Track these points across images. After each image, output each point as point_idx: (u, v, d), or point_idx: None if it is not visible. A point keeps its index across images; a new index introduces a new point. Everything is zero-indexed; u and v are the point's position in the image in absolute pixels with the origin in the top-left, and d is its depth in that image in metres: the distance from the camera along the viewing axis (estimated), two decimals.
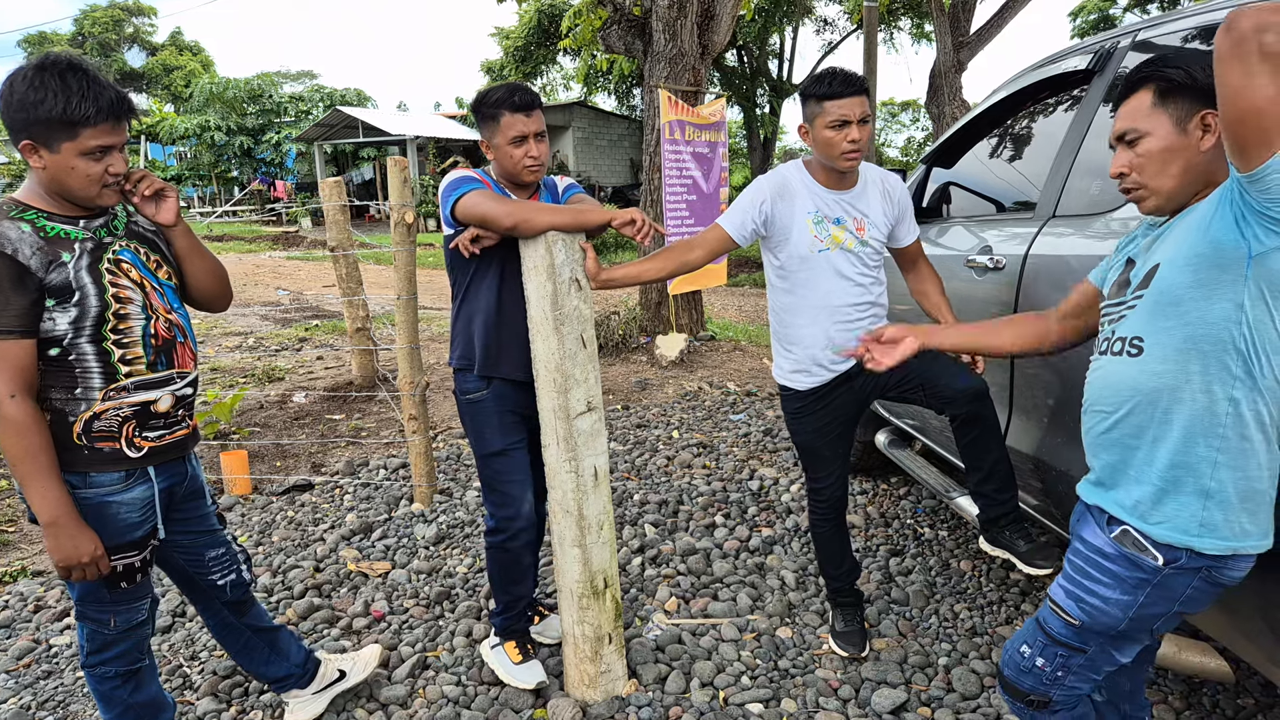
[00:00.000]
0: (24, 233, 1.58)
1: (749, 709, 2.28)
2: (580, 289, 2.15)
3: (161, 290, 1.79)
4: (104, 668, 1.83)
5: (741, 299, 10.91)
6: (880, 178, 2.33)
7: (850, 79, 2.14)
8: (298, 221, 22.36)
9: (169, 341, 1.78)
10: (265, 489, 3.99)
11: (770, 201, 2.25)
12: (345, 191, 5.17)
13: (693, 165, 6.34)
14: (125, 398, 1.70)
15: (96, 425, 1.67)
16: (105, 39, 32.81)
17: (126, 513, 1.72)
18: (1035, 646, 1.57)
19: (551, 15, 20.56)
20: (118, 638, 1.80)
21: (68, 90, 1.54)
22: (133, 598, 1.79)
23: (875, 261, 2.31)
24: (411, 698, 2.36)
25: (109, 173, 1.64)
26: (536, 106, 2.17)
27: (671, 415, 5.09)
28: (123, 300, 1.69)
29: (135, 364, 1.71)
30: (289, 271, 13.62)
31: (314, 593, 2.94)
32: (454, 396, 2.36)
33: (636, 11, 6.72)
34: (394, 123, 22.54)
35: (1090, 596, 1.47)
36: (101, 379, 1.67)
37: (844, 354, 1.94)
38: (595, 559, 2.25)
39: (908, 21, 21.76)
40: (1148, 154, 1.44)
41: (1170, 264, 1.38)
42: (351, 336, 5.65)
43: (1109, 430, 1.48)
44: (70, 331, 1.63)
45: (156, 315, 1.75)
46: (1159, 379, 1.39)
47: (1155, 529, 1.40)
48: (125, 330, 1.70)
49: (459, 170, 2.20)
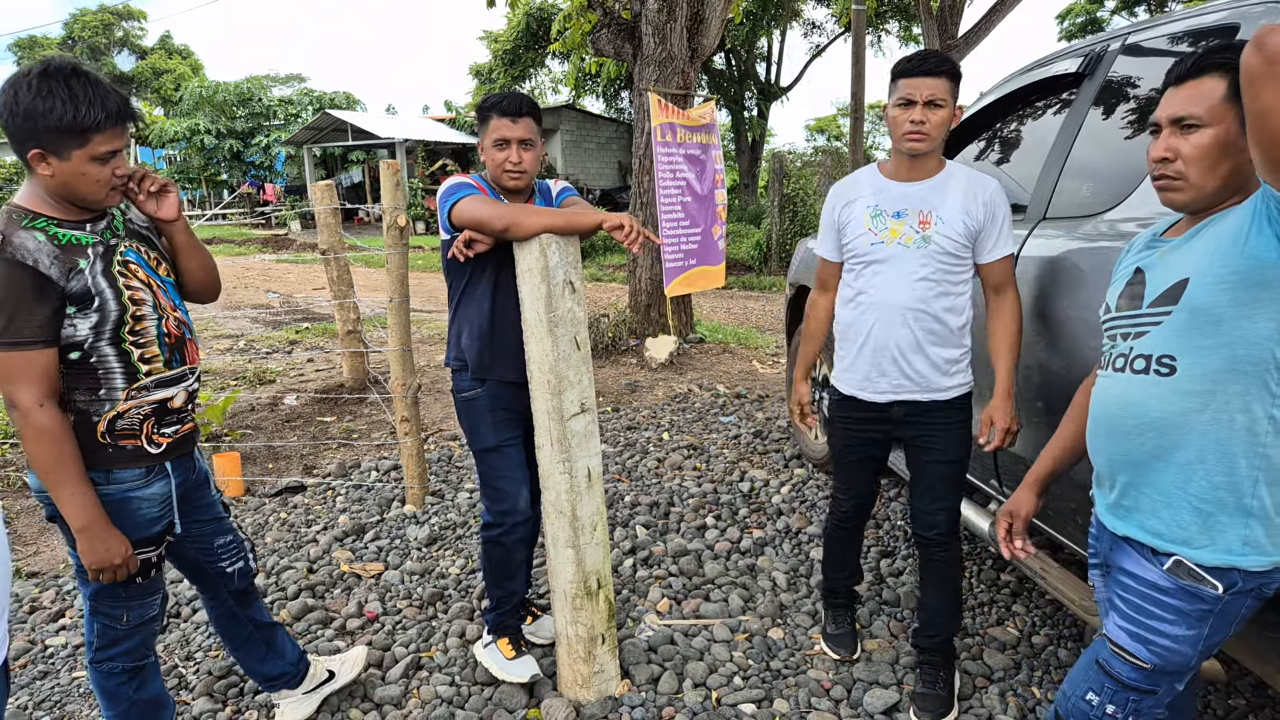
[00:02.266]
0: (40, 242, 1.58)
1: (741, 709, 2.30)
2: (574, 291, 2.16)
3: (165, 288, 1.81)
4: (111, 663, 1.84)
5: (730, 301, 10.94)
6: (971, 177, 2.11)
7: (926, 57, 2.03)
8: (287, 224, 22.25)
9: (179, 339, 1.82)
10: (257, 491, 3.98)
11: (838, 209, 2.26)
12: (335, 194, 5.17)
13: (686, 167, 6.36)
14: (146, 396, 1.74)
15: (119, 424, 1.71)
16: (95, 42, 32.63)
17: (146, 508, 1.76)
18: (1104, 694, 1.48)
19: (540, 19, 20.58)
20: (128, 633, 1.83)
21: (75, 97, 1.54)
22: (146, 593, 1.82)
23: (945, 264, 2.09)
24: (405, 698, 2.37)
25: (115, 174, 1.65)
26: (526, 114, 2.18)
27: (661, 417, 5.10)
28: (137, 302, 1.72)
29: (154, 363, 1.75)
30: (279, 274, 13.57)
31: (308, 594, 2.93)
32: (451, 395, 2.39)
33: (626, 15, 6.74)
34: (383, 126, 22.49)
35: (1158, 637, 1.40)
36: (124, 379, 1.71)
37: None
38: (589, 560, 2.26)
39: (895, 24, 21.89)
40: (1202, 147, 1.34)
41: (1201, 280, 1.32)
42: (342, 339, 5.64)
43: (1137, 453, 1.42)
44: (91, 336, 1.66)
45: (165, 314, 1.79)
46: (1195, 399, 1.33)
47: (1201, 554, 1.36)
48: (142, 331, 1.73)
49: (456, 176, 2.23)
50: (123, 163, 1.66)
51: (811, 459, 4.17)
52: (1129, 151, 2.11)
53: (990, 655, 2.52)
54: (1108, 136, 2.21)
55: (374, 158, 24.38)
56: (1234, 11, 1.86)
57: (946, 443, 2.20)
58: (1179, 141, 1.37)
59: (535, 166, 2.24)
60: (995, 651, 2.54)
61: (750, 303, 10.86)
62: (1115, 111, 2.22)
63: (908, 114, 2.03)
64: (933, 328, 2.12)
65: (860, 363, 2.22)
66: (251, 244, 18.96)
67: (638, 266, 6.95)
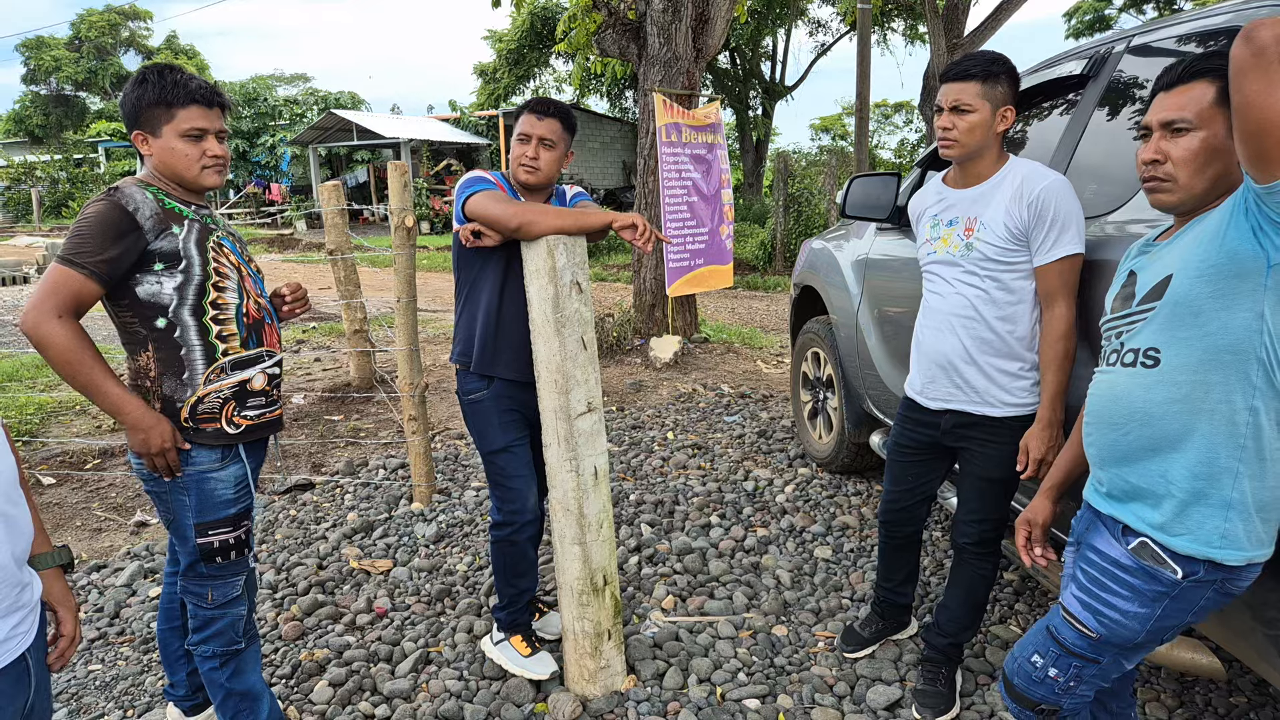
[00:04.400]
0: (146, 198, 1.75)
1: (746, 704, 2.33)
2: (581, 291, 2.19)
3: (252, 277, 1.94)
4: (204, 646, 1.91)
5: (735, 301, 10.95)
6: (1026, 177, 2.00)
7: (957, 63, 2.03)
8: (292, 224, 22.32)
9: (258, 321, 1.92)
10: (266, 488, 4.02)
11: (914, 223, 2.31)
12: (343, 195, 5.20)
13: (691, 167, 6.39)
14: (224, 379, 1.84)
15: (201, 408, 1.81)
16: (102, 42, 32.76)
17: (222, 489, 1.85)
18: (1048, 657, 1.55)
19: (544, 18, 20.62)
20: (215, 614, 1.89)
21: (162, 81, 1.78)
22: (229, 573, 1.89)
23: (991, 270, 2.04)
24: (415, 691, 2.40)
25: (207, 154, 1.83)
26: (551, 116, 2.25)
27: (666, 417, 5.13)
28: (221, 274, 1.84)
29: (230, 340, 1.84)
30: (284, 274, 13.61)
31: (318, 589, 2.97)
32: (456, 397, 2.41)
33: (631, 16, 6.76)
34: (388, 126, 22.54)
35: (1108, 610, 1.46)
36: (203, 359, 1.81)
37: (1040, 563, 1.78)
38: (595, 556, 2.29)
39: (901, 23, 21.86)
40: (1191, 151, 1.40)
41: (1184, 274, 1.37)
42: (349, 338, 5.68)
43: (1122, 442, 1.46)
44: (175, 299, 1.77)
45: (248, 296, 1.90)
46: (1178, 389, 1.37)
47: (1176, 541, 1.39)
48: (222, 306, 1.83)
49: (476, 170, 2.27)
50: (214, 144, 1.83)
51: (816, 459, 4.19)
52: (1133, 154, 2.12)
53: (993, 653, 2.54)
54: (1112, 138, 2.22)
55: (379, 158, 24.43)
56: (1238, 15, 1.87)
57: (989, 461, 2.15)
58: (1168, 145, 1.43)
59: (553, 169, 2.28)
60: (998, 649, 2.56)
61: (755, 303, 10.87)
62: (1120, 114, 2.23)
63: (938, 121, 2.05)
64: (984, 336, 2.07)
65: (919, 368, 2.26)
66: (257, 244, 19.03)
67: (642, 267, 6.98)
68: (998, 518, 2.22)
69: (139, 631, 2.77)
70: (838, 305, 3.75)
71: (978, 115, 2.02)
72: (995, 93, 2.02)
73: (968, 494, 2.24)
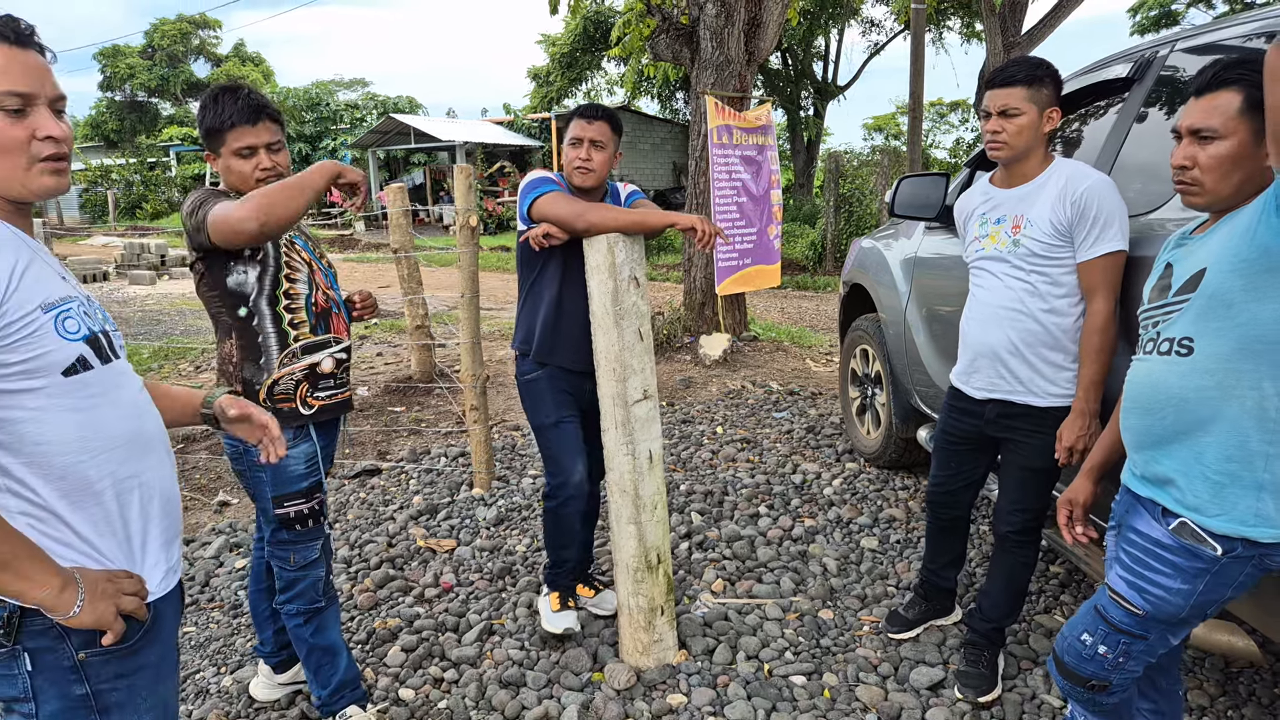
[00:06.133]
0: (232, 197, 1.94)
1: (792, 680, 2.44)
2: (638, 286, 2.33)
3: (323, 272, 2.12)
4: (289, 605, 2.12)
5: (785, 301, 11.00)
6: (1071, 175, 2.09)
7: (1002, 68, 2.12)
8: (352, 225, 22.99)
9: (326, 311, 2.10)
10: (337, 473, 4.26)
11: (961, 223, 2.41)
12: (407, 197, 5.45)
13: (741, 168, 6.49)
14: (296, 363, 2.03)
15: (277, 390, 2.01)
16: (173, 51, 34.12)
17: (294, 466, 2.02)
18: (1097, 635, 1.63)
19: (598, 23, 20.86)
20: (298, 575, 2.09)
21: (218, 105, 1.96)
22: (306, 539, 2.09)
23: (1037, 266, 2.13)
24: (480, 659, 2.57)
25: (259, 168, 1.99)
26: (600, 119, 2.41)
27: (715, 412, 5.24)
28: (293, 266, 2.03)
29: (301, 328, 2.03)
30: (345, 273, 14.09)
31: (388, 565, 3.18)
32: (514, 384, 2.60)
33: (684, 21, 6.89)
34: (444, 129, 23.05)
35: (1153, 587, 1.53)
36: (278, 344, 1.99)
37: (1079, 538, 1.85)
38: (649, 536, 2.43)
39: (957, 21, 21.54)
40: (1217, 157, 1.47)
41: (1217, 268, 1.44)
42: (411, 334, 5.93)
43: (1157, 427, 1.53)
44: (255, 289, 1.97)
45: (317, 288, 2.08)
46: (1210, 377, 1.44)
47: (1212, 521, 1.46)
48: (294, 296, 2.02)
49: (538, 171, 2.44)
50: (265, 157, 1.99)
51: (864, 454, 4.27)
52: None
53: (1037, 640, 2.60)
54: (1155, 139, 2.28)
55: (435, 160, 25.02)
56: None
57: (1031, 451, 2.22)
58: (1196, 150, 1.51)
59: (605, 168, 2.44)
60: (1041, 637, 2.62)
61: (804, 302, 10.91)
62: (1162, 116, 2.29)
63: (987, 125, 2.15)
64: (1031, 328, 2.15)
65: (964, 358, 2.35)
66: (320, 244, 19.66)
67: (692, 266, 7.10)
68: (1039, 507, 2.29)
69: (227, 599, 3.00)
70: (886, 303, 3.83)
71: (1025, 118, 2.11)
72: (1041, 95, 2.11)
73: (1010, 483, 2.31)
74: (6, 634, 1.13)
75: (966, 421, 2.38)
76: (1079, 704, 1.74)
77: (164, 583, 1.30)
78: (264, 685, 2.39)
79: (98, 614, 1.15)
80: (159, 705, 1.29)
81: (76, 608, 1.13)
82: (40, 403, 1.13)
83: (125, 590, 1.21)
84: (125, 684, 1.22)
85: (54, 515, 1.16)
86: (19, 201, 1.19)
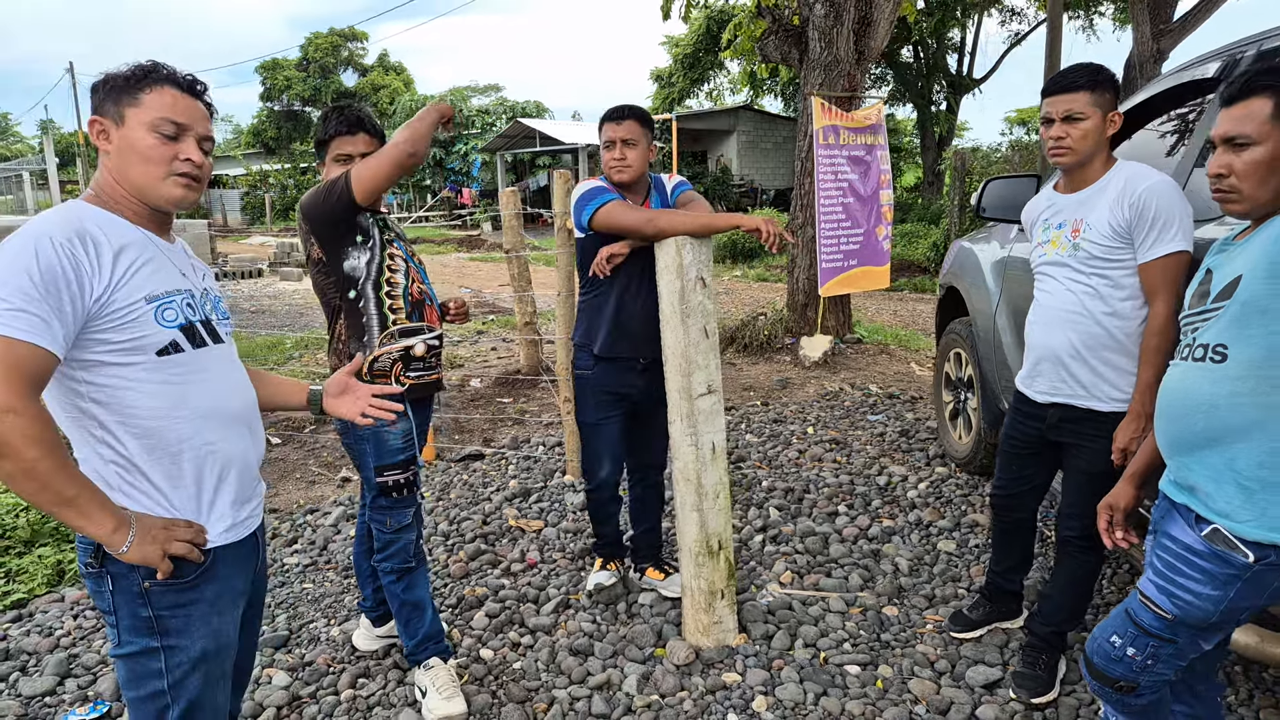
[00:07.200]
0: None
1: (847, 669, 2.52)
2: (705, 286, 2.48)
3: (416, 268, 2.39)
4: (385, 564, 2.39)
5: (898, 303, 10.75)
6: (1131, 177, 2.09)
7: (1063, 74, 2.13)
8: (480, 226, 24.12)
9: (420, 301, 2.36)
10: (445, 456, 4.63)
11: (1028, 229, 2.47)
12: (521, 200, 5.79)
13: (848, 169, 6.45)
14: (393, 344, 2.30)
15: (376, 366, 2.29)
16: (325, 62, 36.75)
17: (392, 439, 2.29)
18: (1126, 637, 1.64)
19: (720, 22, 20.94)
20: (393, 537, 2.36)
21: (325, 121, 2.31)
22: (401, 505, 2.36)
23: (1097, 268, 2.13)
24: (555, 628, 2.80)
25: None
26: (627, 118, 2.60)
27: (809, 413, 5.28)
28: (392, 255, 2.30)
29: (398, 313, 2.31)
30: (471, 271, 14.87)
31: (481, 540, 3.47)
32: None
33: (795, 21, 6.91)
34: (567, 132, 23.78)
35: (1183, 592, 1.54)
36: (379, 326, 2.28)
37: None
38: (711, 522, 2.58)
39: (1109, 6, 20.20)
40: (1253, 163, 1.49)
41: (1253, 275, 1.45)
42: (520, 329, 6.28)
43: (1189, 433, 1.55)
44: (364, 274, 2.25)
45: (412, 280, 2.35)
46: (1243, 383, 1.46)
47: (1243, 527, 1.46)
48: (394, 284, 2.30)
49: (587, 180, 2.64)
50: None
51: (955, 459, 4.22)
52: None
53: None
54: None
55: (559, 163, 25.86)
56: None
57: (1094, 455, 2.20)
58: (1231, 158, 1.52)
59: (641, 163, 2.63)
60: None
61: (919, 305, 10.62)
62: None
63: (1048, 132, 2.16)
64: (1093, 331, 2.15)
65: (1028, 362, 2.38)
66: (449, 244, 20.80)
67: (795, 267, 7.12)
68: None
69: (340, 561, 3.37)
70: (977, 305, 3.78)
71: (1090, 123, 2.12)
72: (1104, 99, 2.11)
73: (1072, 487, 2.31)
74: (96, 558, 1.41)
75: (1030, 425, 2.39)
76: (1109, 704, 1.75)
77: (227, 534, 1.53)
78: (364, 637, 2.70)
79: (144, 553, 1.36)
80: (211, 635, 1.51)
81: (126, 546, 1.34)
82: (137, 375, 1.40)
83: (178, 537, 1.41)
84: (183, 613, 1.46)
85: (135, 467, 1.42)
86: (158, 209, 1.47)
